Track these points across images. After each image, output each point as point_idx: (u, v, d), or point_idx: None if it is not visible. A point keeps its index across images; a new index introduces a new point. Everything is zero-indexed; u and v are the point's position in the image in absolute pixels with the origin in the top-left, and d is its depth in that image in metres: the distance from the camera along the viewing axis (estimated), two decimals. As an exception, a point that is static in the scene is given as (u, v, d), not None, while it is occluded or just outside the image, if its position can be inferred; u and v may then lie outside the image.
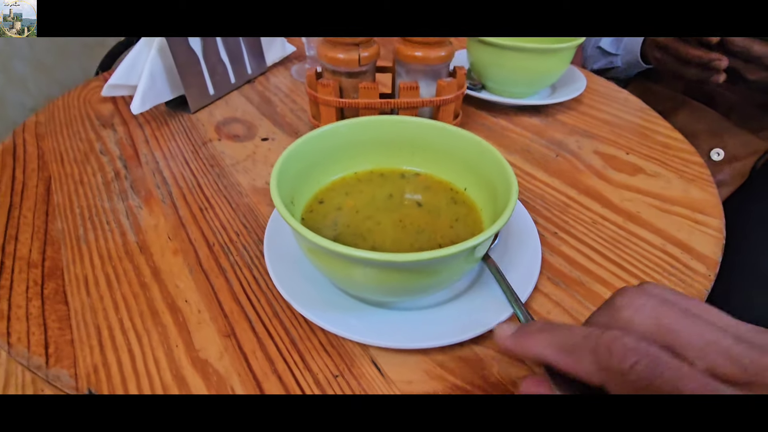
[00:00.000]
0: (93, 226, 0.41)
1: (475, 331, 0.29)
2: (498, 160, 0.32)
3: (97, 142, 0.54)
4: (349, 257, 0.25)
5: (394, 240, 0.32)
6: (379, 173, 0.39)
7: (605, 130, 0.58)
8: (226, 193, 0.45)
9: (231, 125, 0.58)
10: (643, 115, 0.61)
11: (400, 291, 0.29)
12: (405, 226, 0.33)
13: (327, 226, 0.33)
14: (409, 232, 0.33)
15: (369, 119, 0.37)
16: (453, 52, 0.50)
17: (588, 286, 0.35)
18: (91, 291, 0.35)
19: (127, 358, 0.30)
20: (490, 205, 0.34)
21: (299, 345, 0.31)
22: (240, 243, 0.39)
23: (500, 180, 0.32)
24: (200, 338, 0.31)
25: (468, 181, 0.37)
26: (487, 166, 0.34)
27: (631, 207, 0.44)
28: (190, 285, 0.35)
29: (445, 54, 0.49)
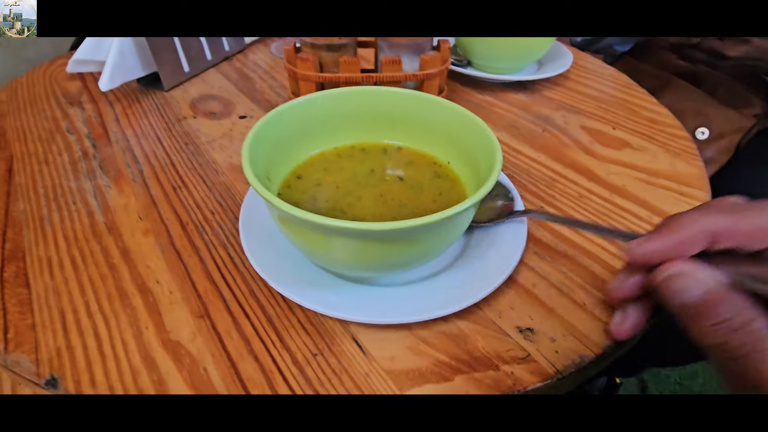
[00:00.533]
0: (58, 206, 0.39)
1: (460, 304, 0.28)
2: (481, 130, 0.31)
3: (64, 121, 0.51)
4: (326, 227, 0.23)
5: (374, 215, 0.31)
6: (360, 148, 0.37)
7: (592, 105, 0.57)
8: (201, 171, 0.43)
9: (207, 102, 0.55)
10: (630, 90, 0.61)
11: (380, 265, 0.28)
12: (386, 201, 0.32)
13: (305, 201, 0.32)
14: (391, 207, 0.31)
15: (347, 90, 0.35)
16: (436, 24, 0.48)
17: (575, 259, 0.34)
18: (55, 273, 0.33)
19: (92, 341, 0.28)
20: (474, 179, 0.32)
21: (276, 323, 0.29)
22: (215, 222, 0.37)
23: (484, 150, 0.31)
24: (172, 319, 0.29)
25: (451, 155, 0.35)
26: (470, 137, 0.33)
27: (617, 180, 0.43)
28: (162, 265, 0.33)
29: (429, 25, 0.47)
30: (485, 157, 0.30)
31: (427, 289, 0.30)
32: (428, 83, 0.49)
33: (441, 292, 0.29)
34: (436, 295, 0.29)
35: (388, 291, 0.30)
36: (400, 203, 0.32)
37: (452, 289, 0.29)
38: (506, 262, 0.31)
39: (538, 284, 0.32)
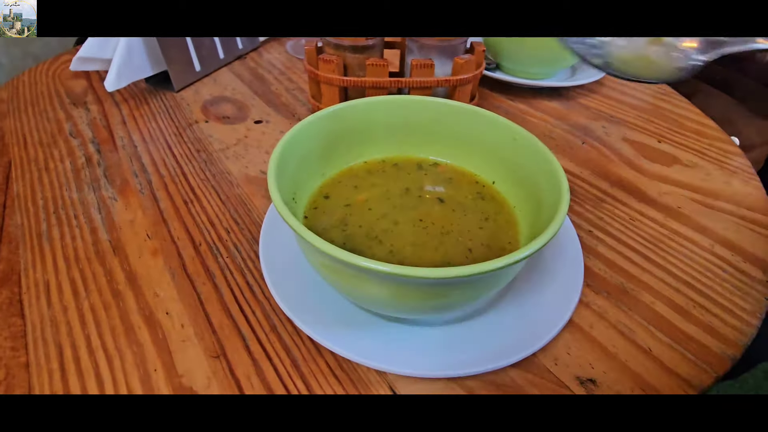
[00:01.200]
0: (58, 221, 0.35)
1: (516, 355, 0.24)
2: (538, 149, 0.27)
3: (67, 123, 0.48)
4: (372, 272, 0.20)
5: (415, 243, 0.27)
6: (392, 163, 0.34)
7: (632, 115, 0.53)
8: (215, 183, 0.40)
9: (220, 105, 0.52)
10: (671, 99, 0.56)
11: (425, 308, 0.24)
12: (426, 226, 0.28)
13: (334, 226, 0.28)
14: (432, 234, 0.28)
15: (383, 99, 0.32)
16: (471, 25, 0.44)
17: (633, 294, 0.31)
18: (53, 300, 0.29)
19: (94, 385, 0.25)
20: (526, 202, 0.29)
21: (302, 368, 0.26)
22: (231, 242, 0.34)
23: (540, 172, 0.27)
24: (184, 360, 0.26)
25: (497, 174, 0.32)
26: (521, 155, 0.29)
27: (670, 201, 0.39)
28: (172, 293, 0.30)
29: (464, 26, 0.43)
30: (543, 177, 0.26)
31: (475, 332, 0.26)
32: (461, 89, 0.45)
33: (492, 336, 0.26)
34: (488, 342, 0.25)
35: (431, 334, 0.26)
36: (442, 229, 0.28)
37: (505, 332, 0.26)
38: (564, 301, 0.27)
39: (595, 324, 0.29)
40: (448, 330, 0.26)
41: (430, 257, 0.26)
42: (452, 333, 0.26)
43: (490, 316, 0.27)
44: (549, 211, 0.24)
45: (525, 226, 0.28)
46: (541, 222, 0.25)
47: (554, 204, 0.23)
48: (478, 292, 0.23)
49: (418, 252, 0.26)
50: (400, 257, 0.26)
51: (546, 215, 0.24)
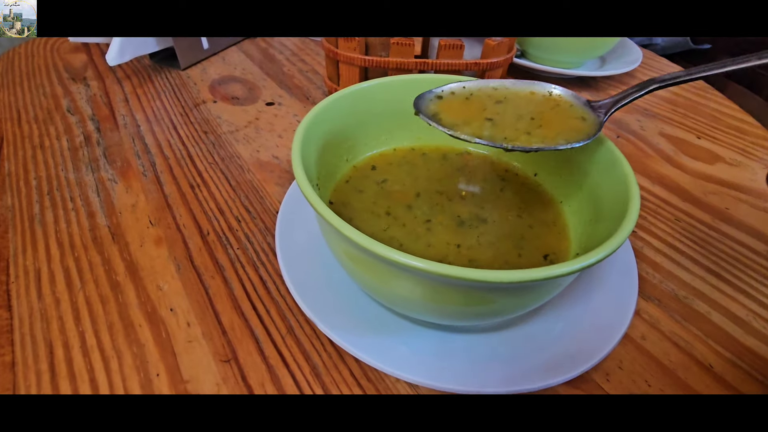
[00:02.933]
0: (52, 203, 0.32)
1: (567, 372, 0.21)
2: (601, 143, 0.24)
3: (65, 99, 0.44)
4: (412, 270, 0.17)
5: (450, 242, 0.24)
6: (422, 152, 0.30)
7: (667, 109, 0.49)
8: (224, 167, 0.37)
9: (229, 85, 0.48)
10: (706, 94, 0.53)
11: (467, 315, 0.21)
12: (464, 221, 0.25)
13: (363, 218, 0.25)
14: (472, 231, 0.25)
15: (416, 77, 0.28)
16: (505, 4, 0.41)
17: (686, 302, 0.28)
18: (44, 292, 0.26)
19: (87, 390, 0.22)
20: (575, 198, 0.26)
21: (324, 377, 0.23)
22: (242, 232, 0.31)
23: (599, 168, 0.24)
24: (189, 363, 0.23)
25: (539, 165, 0.28)
26: (577, 150, 0.26)
27: (717, 202, 0.36)
28: (177, 287, 0.27)
29: (497, 5, 0.40)
30: (608, 183, 0.23)
31: (519, 343, 0.23)
32: (490, 74, 0.42)
33: (539, 349, 0.23)
34: (534, 355, 0.22)
35: (468, 342, 0.23)
36: (482, 226, 0.25)
37: (553, 344, 0.23)
38: (617, 310, 0.24)
39: (648, 336, 0.26)
40: (488, 339, 0.23)
41: (473, 257, 0.23)
42: (493, 343, 0.23)
43: (534, 325, 0.24)
44: (611, 214, 0.21)
45: (576, 225, 0.25)
46: (600, 225, 0.22)
47: (619, 207, 0.20)
48: (531, 299, 0.20)
49: (459, 251, 0.23)
50: (438, 255, 0.23)
51: (608, 217, 0.21)
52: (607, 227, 0.20)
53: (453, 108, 0.25)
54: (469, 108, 0.25)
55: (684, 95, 0.52)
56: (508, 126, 0.23)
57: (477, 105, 0.25)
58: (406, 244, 0.23)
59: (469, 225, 0.25)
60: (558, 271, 0.16)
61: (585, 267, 0.17)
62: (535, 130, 0.23)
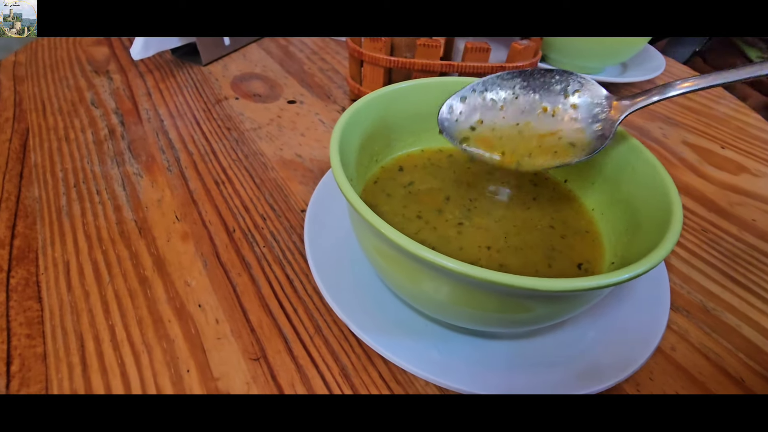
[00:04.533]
0: (79, 195, 0.32)
1: (600, 383, 0.21)
2: (632, 145, 0.24)
3: (89, 92, 0.45)
4: (450, 273, 0.16)
5: (483, 245, 0.24)
6: (449, 153, 0.30)
7: (690, 118, 0.49)
8: (247, 164, 0.37)
9: (250, 82, 0.48)
10: (729, 103, 0.53)
11: (500, 322, 0.21)
12: (494, 225, 0.25)
13: (395, 222, 0.25)
14: (504, 235, 0.25)
15: (453, 80, 0.28)
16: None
17: (715, 314, 0.28)
18: (73, 284, 0.26)
19: (119, 384, 0.22)
20: (608, 206, 0.25)
21: (353, 378, 0.23)
22: (268, 230, 0.31)
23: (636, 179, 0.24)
24: (219, 360, 0.23)
25: (568, 172, 0.28)
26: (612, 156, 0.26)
27: (744, 213, 0.36)
28: (205, 283, 0.27)
29: (525, 9, 0.39)
30: (646, 194, 0.23)
31: (552, 351, 0.23)
32: (515, 79, 0.41)
33: (571, 358, 0.22)
34: (566, 364, 0.22)
35: (501, 349, 0.23)
36: (511, 228, 0.25)
37: (584, 353, 0.23)
38: (648, 321, 0.24)
39: (677, 347, 0.26)
40: (520, 346, 0.23)
41: (504, 262, 0.23)
42: (524, 349, 0.23)
43: (566, 333, 0.24)
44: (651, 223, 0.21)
45: (610, 234, 0.25)
46: (639, 235, 0.21)
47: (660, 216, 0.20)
48: (570, 308, 0.20)
49: (490, 255, 0.23)
50: (471, 259, 0.23)
51: (646, 227, 0.21)
52: (648, 237, 0.20)
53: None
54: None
55: (707, 104, 0.52)
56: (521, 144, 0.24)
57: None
58: (438, 247, 0.23)
59: (499, 230, 0.25)
60: (606, 281, 0.16)
61: (632, 278, 0.17)
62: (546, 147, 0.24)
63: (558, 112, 0.25)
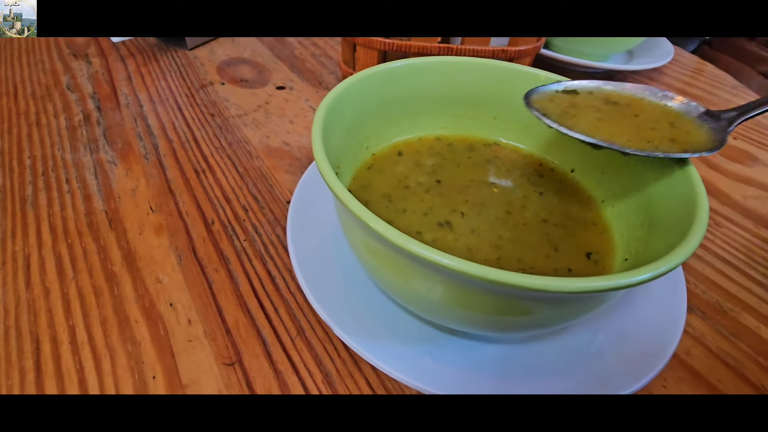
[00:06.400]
0: (47, 184, 0.30)
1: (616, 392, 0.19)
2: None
3: (65, 75, 0.42)
4: (449, 272, 0.14)
5: (485, 239, 0.22)
6: (448, 142, 0.28)
7: (699, 107, 0.47)
8: (231, 152, 0.34)
9: (238, 67, 0.46)
10: (739, 93, 0.51)
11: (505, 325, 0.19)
12: (497, 217, 0.23)
13: (385, 215, 0.23)
14: (508, 227, 0.22)
15: (451, 60, 0.26)
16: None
17: (732, 315, 0.25)
18: (33, 281, 0.24)
19: (76, 391, 0.20)
20: (620, 198, 0.23)
21: (338, 385, 0.21)
22: (250, 222, 0.28)
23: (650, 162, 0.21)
24: (189, 365, 0.21)
25: (577, 161, 0.26)
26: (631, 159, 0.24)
27: (758, 207, 0.34)
28: (178, 280, 0.24)
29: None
30: (666, 184, 0.20)
31: (557, 357, 0.21)
32: (518, 62, 0.39)
33: (578, 364, 0.20)
34: (572, 371, 0.20)
35: (500, 354, 0.21)
36: (514, 220, 0.23)
37: (593, 360, 0.21)
38: (663, 324, 0.22)
39: (693, 351, 0.23)
40: (521, 351, 0.21)
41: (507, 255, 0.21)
42: (526, 355, 0.21)
43: (572, 336, 0.22)
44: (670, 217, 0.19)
45: (622, 228, 0.22)
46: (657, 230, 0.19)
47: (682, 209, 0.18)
48: (580, 311, 0.18)
49: (492, 250, 0.21)
50: (470, 255, 0.20)
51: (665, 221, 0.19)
52: (668, 232, 0.18)
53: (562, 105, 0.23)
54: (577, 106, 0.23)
55: (715, 93, 0.50)
56: (623, 129, 0.21)
57: (586, 104, 0.23)
58: (434, 242, 0.21)
59: (500, 223, 0.23)
60: (624, 281, 0.14)
61: (654, 277, 0.14)
62: (650, 135, 0.21)
63: (658, 107, 0.23)
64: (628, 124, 0.21)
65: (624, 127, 0.21)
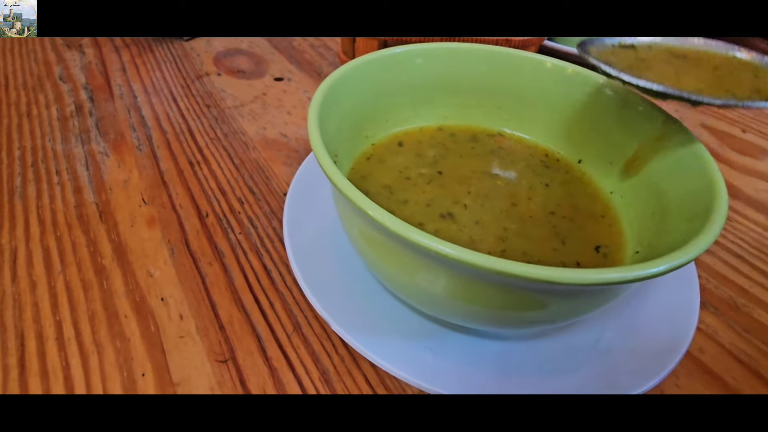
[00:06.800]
0: (36, 175, 0.29)
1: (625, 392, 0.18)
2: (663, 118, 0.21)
3: (58, 66, 0.41)
4: (471, 268, 0.13)
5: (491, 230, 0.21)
6: (450, 132, 0.27)
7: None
8: (227, 144, 0.33)
9: (235, 58, 0.45)
10: (748, 86, 0.49)
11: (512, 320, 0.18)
12: (502, 209, 0.22)
13: (386, 205, 0.22)
14: (513, 220, 0.21)
15: (453, 47, 0.25)
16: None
17: (746, 311, 0.25)
18: (19, 274, 0.23)
19: (61, 389, 0.19)
20: (629, 188, 0.22)
21: (335, 383, 0.20)
22: (245, 215, 0.27)
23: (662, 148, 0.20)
24: (181, 362, 0.20)
25: (584, 151, 0.25)
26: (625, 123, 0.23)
27: (771, 201, 0.33)
28: (170, 274, 0.24)
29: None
30: (678, 171, 0.19)
31: (561, 354, 0.20)
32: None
33: (585, 361, 0.19)
34: (579, 370, 0.19)
35: (504, 350, 0.20)
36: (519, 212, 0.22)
37: (600, 357, 0.20)
38: (674, 321, 0.21)
39: (706, 348, 0.23)
40: (526, 347, 0.20)
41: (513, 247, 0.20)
42: (531, 352, 0.20)
43: (579, 332, 0.21)
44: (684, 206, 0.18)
45: (632, 219, 0.21)
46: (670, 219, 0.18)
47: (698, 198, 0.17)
48: (589, 305, 0.17)
49: (497, 241, 0.20)
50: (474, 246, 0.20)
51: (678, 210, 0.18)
52: (684, 221, 0.17)
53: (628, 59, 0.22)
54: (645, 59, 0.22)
55: (724, 86, 0.49)
56: (701, 80, 0.20)
57: (656, 58, 0.22)
58: (436, 232, 0.20)
59: (505, 214, 0.22)
60: (638, 272, 0.13)
61: (669, 269, 0.14)
62: (731, 85, 0.19)
63: (728, 59, 0.22)
64: (707, 76, 0.20)
65: (703, 78, 0.20)
